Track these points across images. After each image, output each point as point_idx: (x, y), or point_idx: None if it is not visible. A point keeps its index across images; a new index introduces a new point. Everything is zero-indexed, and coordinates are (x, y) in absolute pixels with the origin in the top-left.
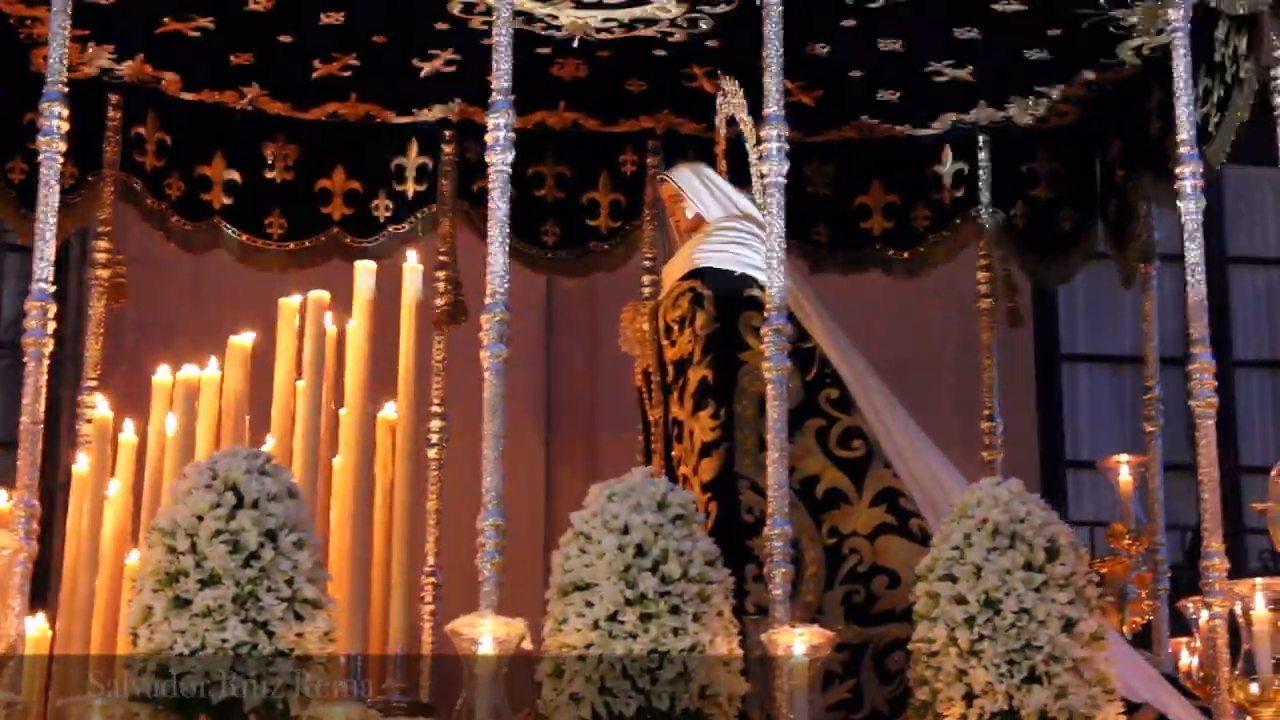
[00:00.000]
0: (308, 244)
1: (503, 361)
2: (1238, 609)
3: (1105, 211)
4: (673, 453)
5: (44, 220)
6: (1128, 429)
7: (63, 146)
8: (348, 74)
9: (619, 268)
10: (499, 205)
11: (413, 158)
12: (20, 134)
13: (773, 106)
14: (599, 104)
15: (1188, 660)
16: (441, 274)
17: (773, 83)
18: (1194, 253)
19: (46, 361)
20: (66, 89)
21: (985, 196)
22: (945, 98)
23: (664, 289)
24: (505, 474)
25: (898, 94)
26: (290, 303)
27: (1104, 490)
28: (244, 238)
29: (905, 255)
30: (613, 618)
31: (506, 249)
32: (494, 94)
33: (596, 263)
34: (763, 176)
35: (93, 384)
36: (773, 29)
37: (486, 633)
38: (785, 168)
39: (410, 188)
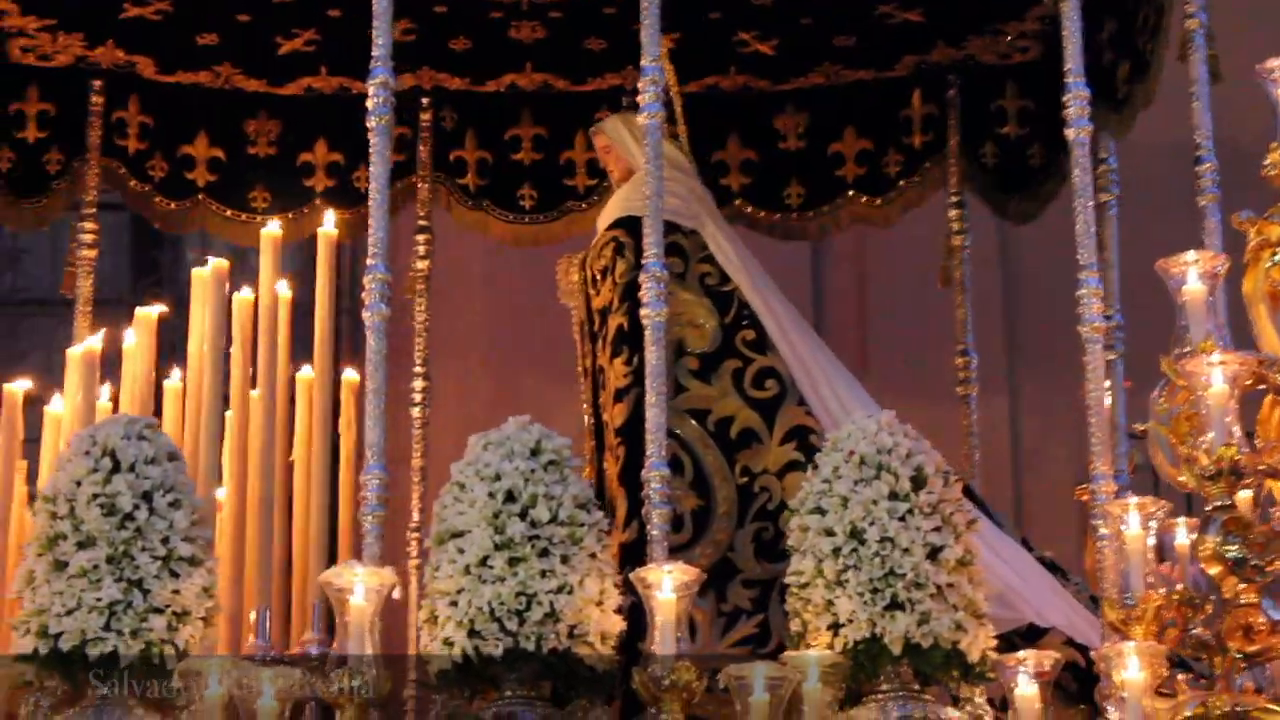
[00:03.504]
0: (291, 217)
1: (383, 320)
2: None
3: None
4: (599, 400)
5: None
6: None
7: None
8: (312, 48)
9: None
10: (379, 169)
11: None
12: (5, 124)
13: (649, 58)
14: (564, 64)
15: None
16: (421, 238)
17: (649, 34)
18: (1080, 177)
19: None
20: None
21: (956, 136)
22: (902, 40)
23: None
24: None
25: (853, 38)
26: (203, 273)
27: None
28: (228, 213)
29: (878, 202)
30: (482, 563)
31: (387, 210)
32: (373, 59)
33: (574, 223)
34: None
35: None
36: None
37: (358, 581)
38: (661, 113)
39: None
